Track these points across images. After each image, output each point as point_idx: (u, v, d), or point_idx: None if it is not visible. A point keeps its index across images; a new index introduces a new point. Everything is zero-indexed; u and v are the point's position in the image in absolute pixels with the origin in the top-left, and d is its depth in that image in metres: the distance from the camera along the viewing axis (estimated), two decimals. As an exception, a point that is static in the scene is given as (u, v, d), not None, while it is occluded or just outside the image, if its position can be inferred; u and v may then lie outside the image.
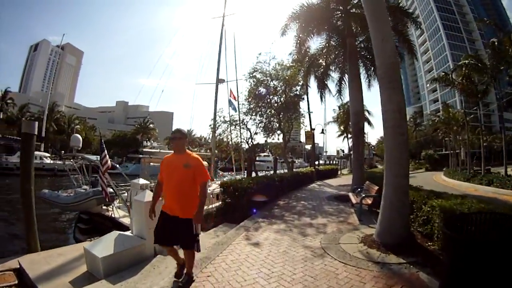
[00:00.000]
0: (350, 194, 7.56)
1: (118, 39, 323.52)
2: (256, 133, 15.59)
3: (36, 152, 31.87)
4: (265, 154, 53.09)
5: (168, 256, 3.58)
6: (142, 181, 5.99)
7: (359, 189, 7.59)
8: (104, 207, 7.90)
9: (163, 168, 2.96)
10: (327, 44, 12.50)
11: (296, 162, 49.40)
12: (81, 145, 8.32)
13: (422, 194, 4.88)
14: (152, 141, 42.44)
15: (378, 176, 10.80)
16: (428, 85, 65.42)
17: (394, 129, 4.50)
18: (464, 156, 31.42)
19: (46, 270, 3.73)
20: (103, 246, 3.72)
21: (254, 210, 6.58)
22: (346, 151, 43.67)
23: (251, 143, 15.93)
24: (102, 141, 6.84)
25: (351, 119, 10.72)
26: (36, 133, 4.85)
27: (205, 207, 8.02)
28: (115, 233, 4.09)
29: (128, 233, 4.38)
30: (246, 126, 15.24)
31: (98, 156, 7.09)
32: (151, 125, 60.02)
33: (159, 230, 2.90)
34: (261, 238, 4.63)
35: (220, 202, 6.89)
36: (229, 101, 14.98)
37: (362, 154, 11.34)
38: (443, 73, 23.51)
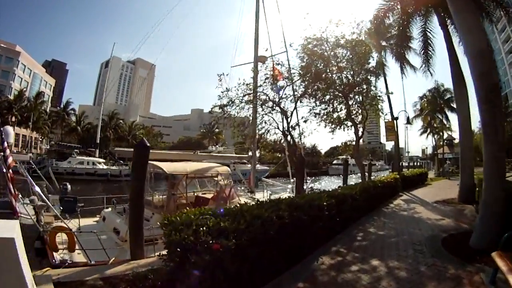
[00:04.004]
0: (501, 264, 2.88)
1: (188, 50, 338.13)
2: (305, 121, 10.40)
3: (90, 158, 33.83)
4: (342, 157, 48.65)
5: None
6: None
7: None
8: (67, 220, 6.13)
9: None
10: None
11: (376, 164, 41.58)
12: (12, 140, 5.97)
13: None
14: (218, 146, 41.91)
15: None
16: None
17: None
18: None
19: None
20: None
21: None
22: (429, 151, 37.13)
23: (289, 134, 9.56)
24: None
25: (472, 68, 4.98)
26: None
27: (144, 262, 3.96)
28: None
29: None
30: (279, 106, 9.58)
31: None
32: (217, 130, 61.20)
33: None
34: None
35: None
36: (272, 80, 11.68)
37: (503, 143, 4.94)
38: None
